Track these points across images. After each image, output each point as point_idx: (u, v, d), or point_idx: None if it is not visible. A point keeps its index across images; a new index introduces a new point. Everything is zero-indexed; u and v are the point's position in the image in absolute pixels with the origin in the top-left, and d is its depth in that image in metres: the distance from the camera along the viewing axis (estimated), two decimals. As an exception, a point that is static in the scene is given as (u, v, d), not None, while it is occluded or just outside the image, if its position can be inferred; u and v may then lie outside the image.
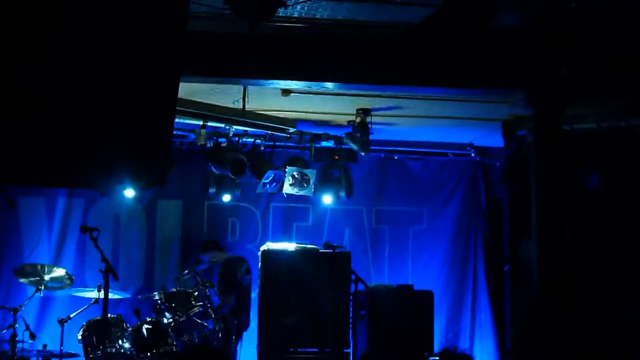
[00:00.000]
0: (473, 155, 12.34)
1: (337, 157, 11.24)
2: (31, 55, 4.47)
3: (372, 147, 10.80)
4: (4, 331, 9.51)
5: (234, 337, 10.08)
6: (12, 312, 9.34)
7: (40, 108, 4.49)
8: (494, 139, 11.20)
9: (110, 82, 4.63)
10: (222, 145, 10.86)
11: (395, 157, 12.35)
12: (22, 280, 10.06)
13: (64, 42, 4.53)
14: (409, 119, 10.84)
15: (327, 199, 11.55)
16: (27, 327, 9.53)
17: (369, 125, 10.37)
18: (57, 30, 4.52)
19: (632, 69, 8.53)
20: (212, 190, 11.19)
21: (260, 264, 10.31)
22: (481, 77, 8.56)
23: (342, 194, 11.43)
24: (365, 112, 10.32)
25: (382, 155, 12.24)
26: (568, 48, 8.17)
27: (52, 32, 4.52)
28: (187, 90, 9.10)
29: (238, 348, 10.15)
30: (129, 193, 11.06)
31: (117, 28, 4.66)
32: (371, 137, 10.47)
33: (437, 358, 9.59)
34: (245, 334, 10.66)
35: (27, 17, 4.44)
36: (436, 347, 10.23)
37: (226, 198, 11.31)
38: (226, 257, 11.03)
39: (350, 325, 9.82)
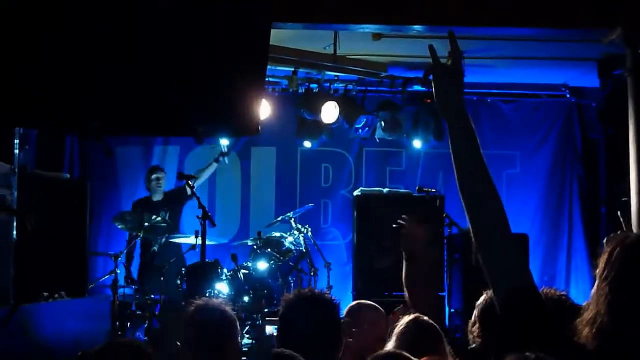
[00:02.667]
0: (568, 96, 12.14)
1: (429, 101, 11.15)
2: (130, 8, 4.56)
3: (464, 90, 10.69)
4: (106, 277, 9.77)
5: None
6: (113, 259, 9.57)
7: (138, 59, 4.57)
8: (590, 79, 10.98)
9: (204, 32, 4.68)
10: (314, 91, 10.90)
11: (489, 100, 12.22)
12: (121, 227, 10.30)
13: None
14: (502, 61, 10.70)
15: (418, 144, 11.51)
16: (128, 273, 9.79)
17: (462, 68, 10.27)
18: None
19: None
20: (304, 136, 11.24)
21: (354, 209, 10.37)
22: (576, 16, 8.38)
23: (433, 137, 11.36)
24: (459, 54, 10.20)
25: (475, 99, 12.11)
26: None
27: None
28: (279, 37, 9.12)
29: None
30: (224, 142, 11.20)
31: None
32: (464, 79, 10.36)
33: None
34: (340, 279, 10.79)
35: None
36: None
37: (307, 144, 11.33)
38: None
39: (445, 269, 9.84)
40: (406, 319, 4.48)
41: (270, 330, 9.20)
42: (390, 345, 4.29)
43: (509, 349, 2.42)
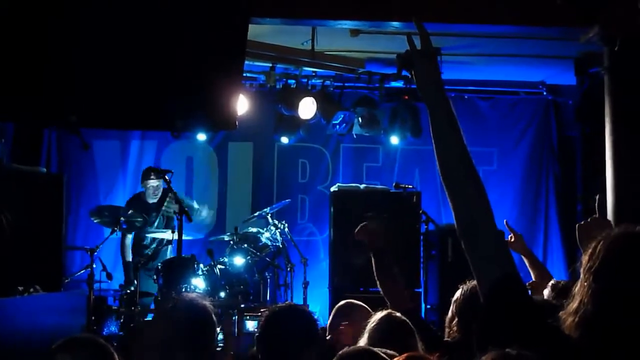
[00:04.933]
0: (545, 93, 12.19)
1: (406, 97, 11.16)
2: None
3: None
4: (82, 271, 9.74)
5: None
6: (89, 253, 9.53)
7: (116, 54, 4.56)
8: (567, 77, 11.02)
9: (182, 27, 4.68)
10: (292, 86, 10.90)
11: (466, 97, 12.24)
12: (98, 221, 10.26)
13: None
14: (480, 58, 10.73)
15: (395, 140, 11.53)
16: (104, 268, 9.74)
17: (439, 65, 10.27)
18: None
19: None
20: (281, 132, 11.24)
21: (330, 204, 10.38)
22: (554, 14, 8.42)
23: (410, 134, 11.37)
24: (435, 51, 10.21)
25: (453, 95, 12.12)
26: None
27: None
28: (256, 32, 9.10)
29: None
30: (201, 136, 11.19)
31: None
32: (441, 76, 10.38)
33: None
34: (316, 275, 10.79)
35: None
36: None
37: (284, 140, 11.33)
38: None
39: (421, 265, 9.87)
40: (378, 314, 4.51)
41: (252, 325, 9.21)
42: (362, 341, 4.31)
43: (491, 340, 2.43)
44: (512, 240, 6.31)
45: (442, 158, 2.80)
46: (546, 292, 5.07)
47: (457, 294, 4.47)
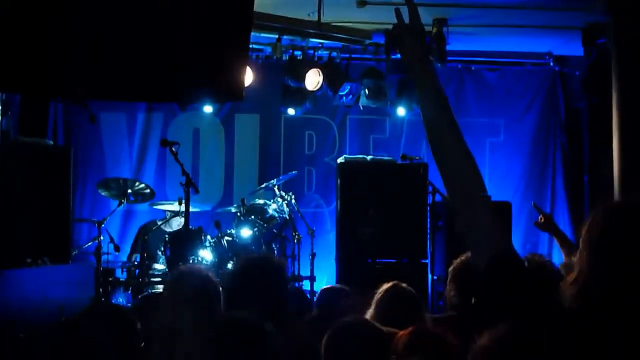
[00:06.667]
0: (552, 64, 12.16)
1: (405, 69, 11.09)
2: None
3: (448, 58, 10.70)
4: (90, 244, 9.77)
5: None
6: (96, 225, 9.55)
7: (122, 26, 4.55)
8: (573, 48, 10.98)
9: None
10: (298, 58, 10.88)
11: (472, 68, 12.22)
12: (104, 194, 10.29)
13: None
14: (486, 29, 10.69)
15: (402, 111, 11.53)
16: (112, 240, 9.77)
17: (446, 36, 10.26)
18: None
19: None
20: (288, 103, 11.23)
21: (337, 176, 10.38)
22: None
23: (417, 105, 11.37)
24: (441, 22, 10.19)
25: (459, 66, 12.12)
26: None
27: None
28: (263, 3, 9.07)
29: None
30: (207, 108, 11.19)
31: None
32: (448, 47, 10.37)
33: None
34: (323, 246, 10.81)
35: None
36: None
37: (291, 112, 11.32)
38: None
39: (428, 236, 9.88)
40: (385, 286, 4.51)
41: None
42: (369, 313, 4.31)
43: (490, 314, 2.45)
44: (542, 221, 6.31)
45: (430, 133, 2.80)
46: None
47: (455, 262, 4.46)
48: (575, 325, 2.44)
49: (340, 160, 10.49)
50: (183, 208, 9.08)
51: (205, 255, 9.48)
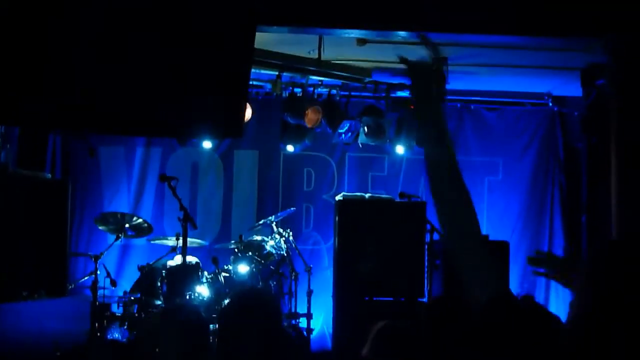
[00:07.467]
0: (551, 104, 12.20)
1: (412, 107, 11.14)
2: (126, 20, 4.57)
3: (448, 97, 10.74)
4: (86, 278, 9.75)
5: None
6: (93, 260, 9.53)
7: (123, 61, 4.57)
8: (573, 88, 11.02)
9: (189, 35, 4.69)
10: (298, 95, 10.91)
11: (472, 107, 12.27)
12: (102, 228, 10.27)
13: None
14: (486, 68, 10.74)
15: (400, 149, 11.56)
16: (108, 274, 9.73)
17: (446, 75, 10.30)
18: None
19: None
20: (287, 140, 11.25)
21: (335, 213, 10.37)
22: (560, 25, 8.42)
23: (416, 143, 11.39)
24: (441, 61, 10.24)
25: (459, 105, 12.16)
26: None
27: None
28: (263, 40, 9.11)
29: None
30: (207, 144, 11.22)
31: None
32: (447, 86, 10.41)
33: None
34: (320, 283, 10.79)
35: None
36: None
37: (290, 148, 11.34)
38: None
39: (426, 275, 9.86)
40: (379, 324, 4.48)
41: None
42: (364, 351, 4.28)
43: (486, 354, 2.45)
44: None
45: (430, 170, 2.81)
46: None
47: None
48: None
49: (338, 197, 10.49)
50: (181, 243, 9.07)
51: (202, 291, 9.45)
